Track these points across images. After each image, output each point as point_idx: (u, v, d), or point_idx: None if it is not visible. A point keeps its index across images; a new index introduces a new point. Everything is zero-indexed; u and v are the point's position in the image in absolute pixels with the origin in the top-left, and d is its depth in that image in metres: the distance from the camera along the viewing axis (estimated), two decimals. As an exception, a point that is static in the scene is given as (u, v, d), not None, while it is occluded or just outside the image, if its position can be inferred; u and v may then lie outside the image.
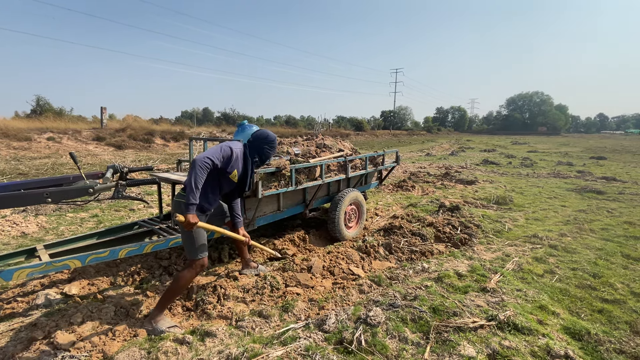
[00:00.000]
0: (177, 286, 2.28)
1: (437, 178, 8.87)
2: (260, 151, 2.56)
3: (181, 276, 2.28)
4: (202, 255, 2.32)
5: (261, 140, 2.54)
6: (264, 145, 2.54)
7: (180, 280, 2.27)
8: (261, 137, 2.55)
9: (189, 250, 2.33)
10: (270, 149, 2.58)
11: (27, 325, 2.26)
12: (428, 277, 3.02)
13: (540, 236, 4.17)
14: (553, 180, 9.08)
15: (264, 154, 2.57)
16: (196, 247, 2.30)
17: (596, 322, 2.41)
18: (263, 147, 2.55)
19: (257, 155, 2.57)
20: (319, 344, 2.06)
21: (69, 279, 2.94)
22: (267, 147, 2.56)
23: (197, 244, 2.30)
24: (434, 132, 55.84)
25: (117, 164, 2.87)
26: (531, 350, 2.01)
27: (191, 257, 2.31)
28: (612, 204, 6.11)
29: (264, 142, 2.54)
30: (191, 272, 2.30)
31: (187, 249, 2.35)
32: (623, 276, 3.14)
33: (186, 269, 2.30)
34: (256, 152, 2.55)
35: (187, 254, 2.34)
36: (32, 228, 4.29)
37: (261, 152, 2.56)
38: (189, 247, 2.33)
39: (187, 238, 2.32)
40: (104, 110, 18.03)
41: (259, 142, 2.54)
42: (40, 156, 11.48)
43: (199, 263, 2.32)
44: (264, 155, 2.58)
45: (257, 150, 2.55)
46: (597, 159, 14.98)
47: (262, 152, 2.56)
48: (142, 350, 1.99)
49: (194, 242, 2.30)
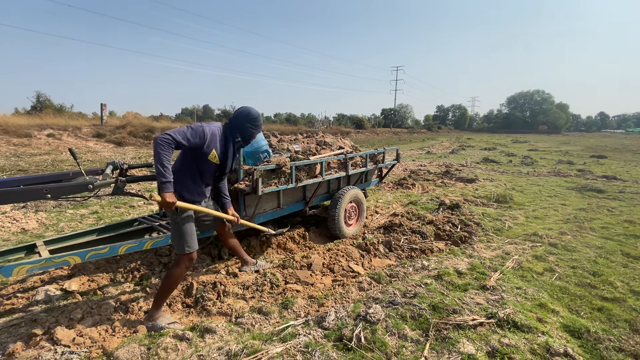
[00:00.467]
0: (169, 283, 2.24)
1: (438, 176, 8.86)
2: (243, 130, 2.31)
3: (171, 273, 2.24)
4: (189, 250, 2.24)
5: (243, 117, 2.29)
6: (245, 124, 2.30)
7: (171, 277, 2.23)
8: (242, 114, 2.30)
9: (176, 245, 2.25)
10: (253, 127, 2.33)
11: (27, 320, 2.27)
12: (428, 274, 3.03)
13: (540, 234, 4.17)
14: (553, 178, 9.07)
15: (246, 133, 2.33)
16: (183, 241, 2.23)
17: (596, 320, 2.41)
18: (245, 125, 2.30)
19: (239, 135, 2.32)
20: (319, 340, 2.06)
21: (68, 275, 2.94)
22: (250, 125, 2.31)
23: (184, 238, 2.23)
24: (434, 130, 55.78)
25: (117, 160, 2.86)
26: (530, 348, 2.01)
27: (179, 252, 2.25)
28: (612, 203, 6.11)
29: (246, 119, 2.29)
30: (180, 268, 2.25)
31: (174, 244, 2.26)
32: (623, 274, 3.14)
33: (175, 266, 2.26)
34: (238, 131, 2.31)
35: (175, 249, 2.27)
36: (32, 224, 4.29)
37: (244, 131, 2.31)
38: (176, 242, 2.25)
39: (175, 232, 2.24)
40: (104, 106, 18.02)
41: (241, 120, 2.29)
42: (40, 153, 11.47)
43: (186, 257, 2.26)
44: (247, 134, 2.33)
45: (239, 128, 2.30)
46: (598, 157, 14.97)
47: (245, 131, 2.31)
48: (142, 347, 1.99)
49: (181, 236, 2.22)
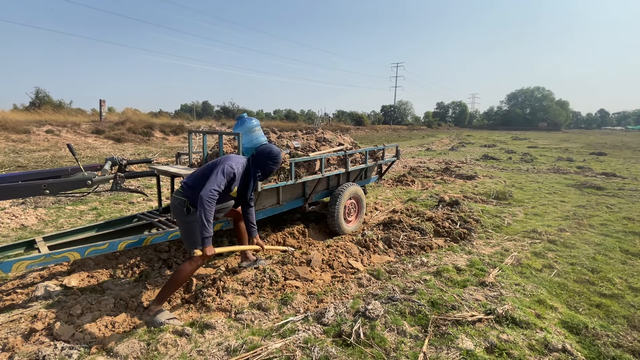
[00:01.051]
0: (178, 279, 2.30)
1: (437, 173, 8.86)
2: (263, 166, 2.59)
3: (182, 269, 2.31)
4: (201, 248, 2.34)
5: (265, 155, 2.58)
6: (267, 161, 2.58)
7: (181, 273, 2.30)
8: (264, 152, 2.59)
9: (188, 244, 2.37)
10: (273, 164, 2.61)
11: (26, 316, 2.27)
12: (427, 271, 3.03)
13: (539, 231, 4.18)
14: (553, 175, 9.07)
15: (267, 169, 2.61)
16: (196, 240, 2.32)
17: (594, 317, 2.42)
18: (266, 162, 2.58)
19: (259, 170, 2.60)
20: (318, 336, 2.06)
21: (68, 271, 2.94)
22: (270, 162, 2.60)
23: (195, 237, 2.32)
24: (434, 127, 55.68)
25: (116, 156, 2.85)
26: (529, 344, 2.02)
27: (192, 250, 2.32)
28: (611, 200, 6.12)
29: (267, 157, 2.58)
30: (192, 265, 2.32)
31: (187, 244, 2.38)
32: (621, 271, 3.15)
33: (187, 262, 2.33)
34: (259, 167, 2.60)
35: (188, 248, 2.37)
36: (32, 220, 4.29)
37: (264, 167, 2.60)
38: (188, 241, 2.37)
39: (186, 232, 2.36)
40: (103, 103, 17.93)
41: (263, 158, 2.58)
42: (39, 149, 11.43)
43: (200, 256, 2.32)
44: (267, 170, 2.62)
45: (260, 165, 2.59)
46: (597, 154, 14.97)
47: (265, 167, 2.60)
48: (142, 342, 2.00)
49: (193, 234, 2.33)
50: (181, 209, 2.36)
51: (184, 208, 2.34)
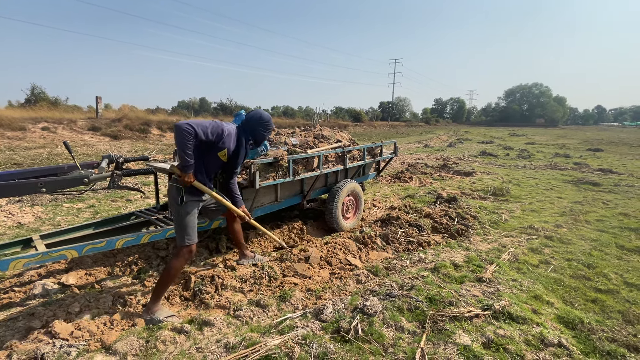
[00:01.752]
0: (168, 275, 2.28)
1: (435, 169, 8.88)
2: (254, 133, 2.47)
3: (171, 265, 2.28)
4: (189, 242, 2.30)
5: (255, 121, 2.46)
6: (258, 127, 2.46)
7: (170, 270, 2.27)
8: (255, 117, 2.46)
9: (178, 236, 2.32)
10: (264, 130, 2.49)
11: (24, 314, 2.27)
12: (425, 267, 3.05)
13: (536, 227, 4.20)
14: (550, 172, 9.12)
15: (258, 136, 2.49)
16: (184, 233, 2.28)
17: (589, 312, 2.44)
18: (257, 128, 2.46)
19: (251, 137, 2.48)
20: (316, 333, 2.07)
21: (66, 269, 2.93)
22: (262, 128, 2.47)
23: (185, 230, 2.28)
24: (432, 123, 55.67)
25: (113, 154, 2.84)
26: (525, 339, 2.04)
27: (180, 244, 2.30)
28: (607, 196, 6.16)
29: (258, 123, 2.46)
30: (180, 260, 2.29)
31: (177, 234, 2.33)
32: (617, 267, 3.18)
33: (175, 257, 2.29)
34: (250, 134, 2.47)
35: (177, 240, 2.32)
36: (28, 218, 4.27)
37: (255, 134, 2.48)
38: (178, 232, 2.31)
39: (178, 223, 2.30)
40: (99, 99, 17.78)
41: (253, 124, 2.46)
42: (35, 146, 11.35)
43: (186, 250, 2.30)
44: (259, 137, 2.50)
45: (251, 132, 2.47)
46: (594, 151, 15.03)
47: (256, 134, 2.48)
48: (141, 340, 2.00)
49: (183, 227, 2.28)
50: (176, 197, 2.28)
51: (179, 196, 2.27)
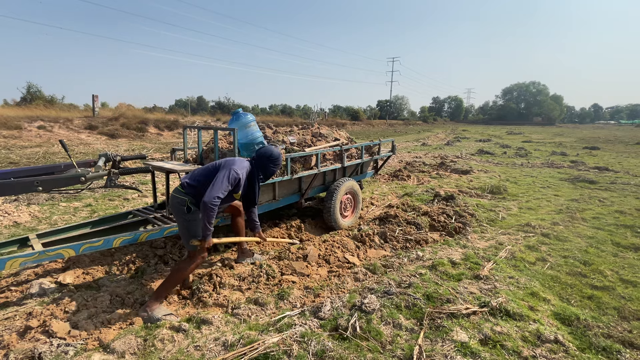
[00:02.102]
0: (177, 276, 2.32)
1: (433, 168, 8.90)
2: (265, 169, 2.63)
3: (183, 266, 2.33)
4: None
5: (266, 158, 2.62)
6: (268, 164, 2.62)
7: (180, 270, 2.32)
8: (265, 155, 2.62)
9: (187, 243, 2.37)
10: (274, 166, 2.65)
11: (21, 313, 2.26)
12: (422, 265, 3.06)
13: (533, 225, 4.22)
14: (547, 170, 9.16)
15: (268, 171, 2.65)
16: (194, 237, 2.32)
17: (585, 308, 2.46)
18: (267, 164, 2.62)
19: (261, 173, 2.64)
20: (315, 330, 2.08)
21: (63, 268, 2.92)
22: (271, 165, 2.64)
23: (194, 236, 2.32)
24: (430, 121, 55.77)
25: (110, 152, 2.83)
26: (522, 336, 2.05)
27: (191, 249, 2.35)
28: (604, 194, 6.20)
29: (268, 159, 2.62)
30: (193, 264, 2.35)
31: (185, 242, 2.38)
32: (613, 263, 3.20)
33: (188, 260, 2.35)
34: (260, 170, 2.63)
35: (186, 245, 2.38)
36: (25, 217, 4.24)
37: (265, 170, 2.64)
38: (186, 240, 2.36)
39: (187, 230, 2.35)
40: (96, 98, 17.67)
41: (265, 160, 2.62)
42: (31, 145, 11.27)
43: (200, 255, 2.36)
44: (269, 172, 2.66)
45: (262, 168, 2.63)
46: (591, 149, 15.11)
47: (267, 170, 2.64)
48: (139, 338, 2.00)
49: (194, 233, 2.33)
50: (181, 207, 2.34)
51: (184, 207, 2.33)
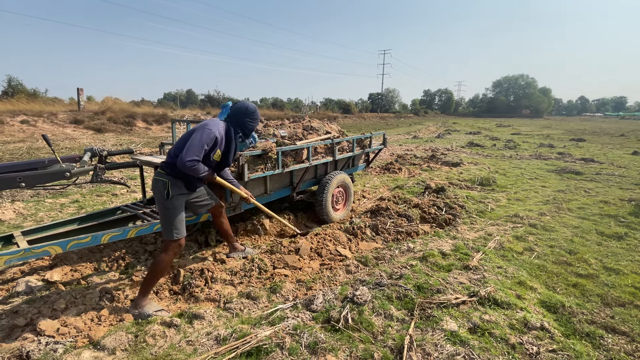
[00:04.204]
0: (156, 270, 2.24)
1: (424, 160, 8.97)
2: (243, 125, 2.48)
3: (159, 260, 2.24)
4: (177, 236, 2.27)
5: (242, 113, 2.46)
6: (245, 119, 2.46)
7: (159, 264, 2.24)
8: (241, 109, 2.46)
9: (165, 231, 2.27)
10: (252, 120, 2.50)
11: (7, 312, 2.21)
12: (413, 256, 3.10)
13: (521, 216, 4.31)
14: (535, 161, 9.32)
15: (247, 127, 2.50)
16: (172, 228, 2.25)
17: (570, 296, 2.53)
18: (244, 120, 2.47)
19: (239, 130, 2.49)
20: (307, 323, 2.09)
21: (50, 265, 2.87)
22: (249, 119, 2.48)
23: (173, 224, 2.25)
24: (421, 114, 56.00)
25: (96, 147, 2.76)
26: (509, 323, 2.11)
27: (167, 238, 2.26)
28: (589, 184, 6.34)
29: (245, 114, 2.46)
30: (169, 254, 2.26)
31: (163, 230, 2.28)
32: (597, 252, 3.29)
33: (163, 252, 2.26)
34: (239, 127, 2.48)
35: (164, 234, 2.28)
36: (9, 214, 4.14)
37: (244, 126, 2.48)
38: (165, 227, 2.27)
39: (164, 218, 2.27)
40: (81, 91, 17.19)
41: (241, 116, 2.46)
42: (14, 140, 10.94)
43: (175, 244, 2.27)
44: (247, 129, 2.51)
45: (239, 124, 2.47)
46: (577, 141, 15.41)
47: (245, 126, 2.49)
48: (130, 334, 1.98)
49: (170, 222, 2.25)
50: (162, 191, 2.23)
51: (165, 191, 2.22)
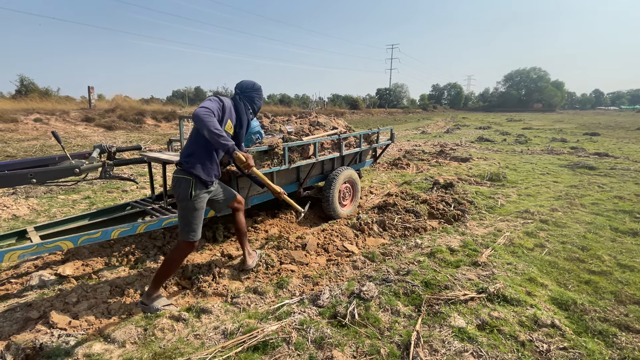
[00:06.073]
0: (168, 267, 2.23)
1: (432, 156, 8.87)
2: (252, 100, 2.48)
3: (170, 258, 2.23)
4: (193, 239, 2.23)
5: (249, 88, 2.46)
6: (253, 94, 2.47)
7: (170, 262, 2.22)
8: (248, 85, 2.47)
9: (182, 231, 2.23)
10: (259, 97, 2.51)
11: (22, 305, 2.27)
12: (421, 252, 3.07)
13: (531, 211, 4.23)
14: (546, 156, 9.13)
15: (255, 103, 2.50)
16: (190, 229, 2.22)
17: (582, 293, 2.48)
18: (253, 95, 2.47)
19: (250, 106, 2.48)
20: (313, 318, 2.10)
21: (62, 260, 2.93)
22: (256, 95, 2.49)
23: (192, 226, 2.22)
24: (429, 109, 55.33)
25: (105, 143, 2.80)
26: (519, 320, 2.07)
27: (183, 239, 2.23)
28: (603, 179, 6.19)
29: (252, 90, 2.47)
30: (181, 254, 2.23)
31: (181, 229, 2.25)
32: (611, 249, 3.21)
33: (175, 250, 2.23)
34: (247, 101, 2.46)
35: (180, 234, 2.25)
36: (23, 210, 4.24)
37: (252, 101, 2.48)
38: (183, 228, 2.23)
39: (184, 218, 2.22)
40: (92, 89, 17.45)
41: (249, 91, 2.46)
42: (28, 138, 11.19)
43: (188, 245, 2.24)
44: (256, 105, 2.51)
45: (248, 99, 2.47)
46: (591, 135, 15.04)
47: (253, 101, 2.49)
48: (139, 328, 2.02)
49: (189, 222, 2.21)
50: (185, 190, 2.16)
51: (190, 190, 2.16)
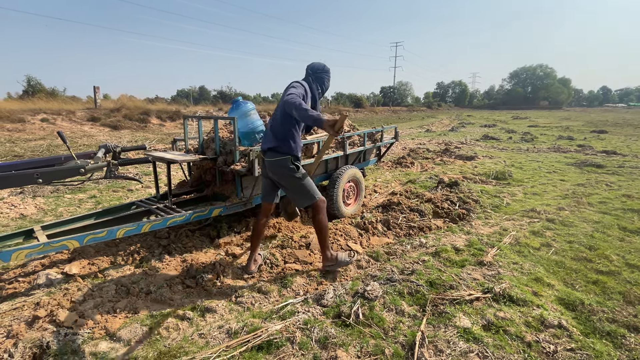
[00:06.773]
0: (322, 230, 2.52)
1: (437, 154, 8.81)
2: (322, 82, 2.61)
3: (318, 220, 2.50)
4: (318, 196, 2.48)
5: (320, 70, 2.59)
6: (323, 76, 2.60)
7: (320, 224, 2.50)
8: (319, 67, 2.59)
9: (306, 199, 2.46)
10: (328, 79, 2.63)
11: (29, 304, 2.30)
12: (425, 252, 3.05)
13: (538, 210, 4.18)
14: (553, 154, 9.02)
15: (325, 84, 2.63)
16: (312, 192, 2.45)
17: (590, 293, 2.44)
18: (323, 77, 2.60)
19: (319, 87, 2.60)
20: (317, 317, 2.09)
21: (69, 259, 2.96)
22: (326, 76, 2.62)
23: (310, 189, 2.45)
24: (434, 107, 54.98)
25: (110, 143, 2.82)
26: (525, 321, 2.05)
27: (310, 202, 2.46)
28: (611, 178, 6.10)
29: (322, 72, 2.59)
30: (321, 212, 2.48)
31: (302, 200, 2.47)
32: (619, 248, 3.17)
33: (315, 214, 2.49)
34: (319, 83, 2.59)
35: (307, 202, 2.47)
36: (31, 210, 4.29)
37: (322, 83, 2.61)
38: (304, 196, 2.46)
39: (300, 188, 2.44)
40: (97, 89, 17.60)
41: (320, 73, 2.58)
42: (34, 138, 11.33)
43: (320, 202, 2.48)
44: (325, 85, 2.64)
45: (319, 80, 2.59)
46: (598, 132, 14.84)
47: (324, 82, 2.62)
48: (144, 326, 2.03)
49: (307, 189, 2.44)
50: (289, 167, 2.37)
51: (292, 166, 2.37)
